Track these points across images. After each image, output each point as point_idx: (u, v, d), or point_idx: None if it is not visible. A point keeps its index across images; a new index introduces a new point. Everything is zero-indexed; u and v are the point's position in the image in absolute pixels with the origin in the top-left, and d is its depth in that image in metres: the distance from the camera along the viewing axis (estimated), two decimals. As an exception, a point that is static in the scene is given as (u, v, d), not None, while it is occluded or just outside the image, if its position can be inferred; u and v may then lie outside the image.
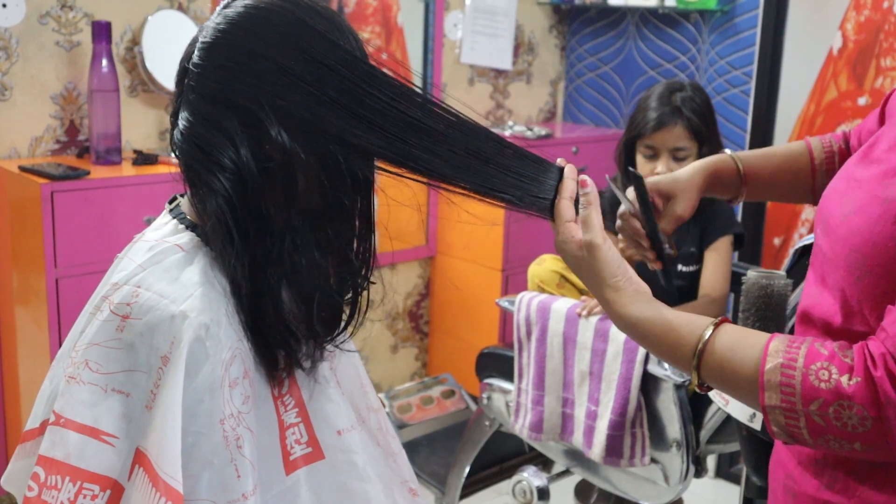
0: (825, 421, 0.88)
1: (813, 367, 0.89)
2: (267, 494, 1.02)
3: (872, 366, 0.86)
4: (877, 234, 0.91)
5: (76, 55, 2.39)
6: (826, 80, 2.83)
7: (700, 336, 0.96)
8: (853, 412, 0.86)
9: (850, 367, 0.87)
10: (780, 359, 0.90)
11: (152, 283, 0.97)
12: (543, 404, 2.06)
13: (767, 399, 0.91)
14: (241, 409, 0.97)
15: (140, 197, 2.23)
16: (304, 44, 0.95)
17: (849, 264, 0.95)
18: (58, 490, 0.93)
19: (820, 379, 0.88)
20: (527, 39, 3.46)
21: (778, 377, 0.90)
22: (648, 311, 1.00)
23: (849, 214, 0.96)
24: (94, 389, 0.96)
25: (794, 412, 0.89)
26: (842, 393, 0.87)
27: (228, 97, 0.96)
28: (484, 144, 1.01)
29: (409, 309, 3.30)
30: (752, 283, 1.60)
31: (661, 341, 0.99)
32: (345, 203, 1.01)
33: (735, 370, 0.94)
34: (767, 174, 1.32)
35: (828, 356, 0.89)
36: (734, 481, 3.05)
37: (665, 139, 2.17)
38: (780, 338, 0.93)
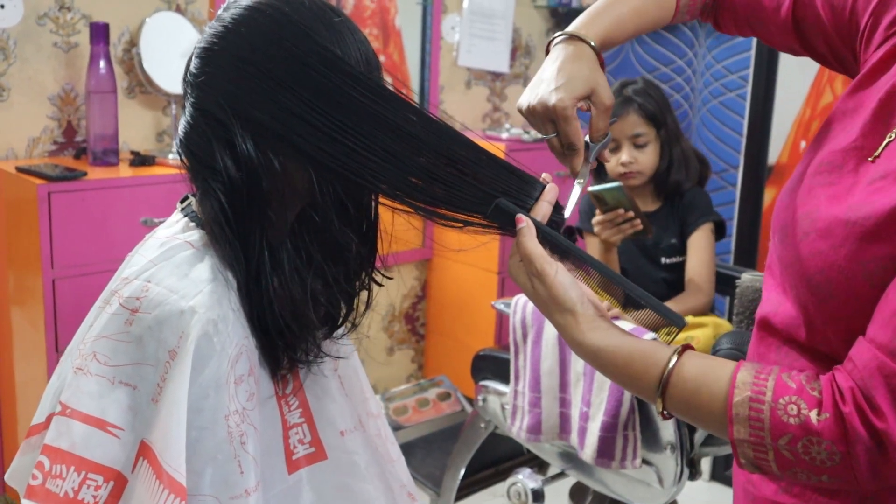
0: (794, 455, 0.87)
1: (781, 401, 0.87)
2: (269, 493, 1.02)
3: (841, 401, 0.85)
4: (842, 257, 0.90)
5: (74, 56, 2.39)
6: (822, 84, 2.84)
7: (664, 367, 0.94)
8: (822, 447, 0.86)
9: (819, 401, 0.86)
10: (748, 391, 0.89)
11: (162, 279, 0.98)
12: (541, 406, 2.07)
13: (736, 433, 0.89)
14: (246, 405, 0.98)
15: (137, 198, 2.23)
16: (291, 47, 0.96)
17: (812, 286, 0.93)
18: (62, 479, 0.94)
19: (789, 414, 0.87)
20: (524, 42, 3.46)
21: (746, 411, 0.88)
22: (608, 339, 0.97)
23: (810, 233, 0.94)
24: (102, 381, 0.96)
25: (763, 446, 0.88)
26: (811, 429, 0.85)
27: (219, 104, 0.97)
28: (464, 153, 0.98)
29: (406, 311, 3.30)
30: (747, 286, 1.61)
31: (623, 371, 0.96)
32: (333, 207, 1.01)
33: (702, 402, 0.92)
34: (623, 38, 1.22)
35: (796, 390, 0.88)
36: (729, 484, 3.06)
37: (622, 128, 2.23)
38: (747, 368, 0.91)
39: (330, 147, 0.95)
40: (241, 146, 0.97)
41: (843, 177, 0.95)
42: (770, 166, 3.00)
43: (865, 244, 0.88)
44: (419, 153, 0.97)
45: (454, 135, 0.99)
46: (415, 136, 0.96)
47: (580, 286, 0.99)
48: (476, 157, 0.99)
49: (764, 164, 2.99)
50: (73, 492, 0.94)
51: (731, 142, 3.04)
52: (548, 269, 0.97)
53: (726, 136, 3.04)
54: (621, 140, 2.24)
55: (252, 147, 0.97)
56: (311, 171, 0.97)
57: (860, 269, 0.88)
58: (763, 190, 3.01)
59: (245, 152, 0.97)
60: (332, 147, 0.95)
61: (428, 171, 0.97)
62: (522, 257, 0.99)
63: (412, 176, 0.97)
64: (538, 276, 0.98)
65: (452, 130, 0.99)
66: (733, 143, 3.04)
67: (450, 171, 0.98)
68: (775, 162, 2.99)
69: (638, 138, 2.24)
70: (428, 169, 0.97)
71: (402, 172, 0.97)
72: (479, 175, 0.99)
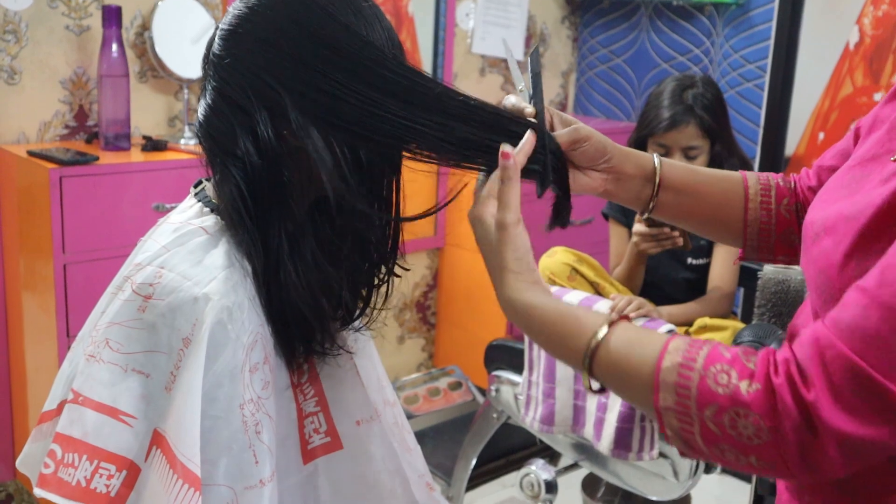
0: (720, 429, 0.81)
1: (712, 369, 0.82)
2: (284, 483, 1.01)
3: (774, 372, 0.80)
4: (839, 254, 0.86)
5: (86, 40, 2.37)
6: (842, 75, 2.81)
7: (595, 330, 0.89)
8: (749, 421, 0.79)
9: (752, 372, 0.81)
10: (678, 357, 0.83)
11: (176, 265, 0.96)
12: (555, 397, 2.05)
13: (662, 400, 0.84)
14: (261, 394, 0.96)
15: (148, 183, 2.21)
16: (318, 29, 0.94)
17: (818, 286, 0.90)
18: (74, 468, 0.93)
19: (718, 382, 0.81)
20: (539, 30, 3.43)
21: (674, 376, 0.83)
22: (545, 299, 0.93)
23: (820, 232, 0.91)
24: (114, 369, 0.95)
25: (689, 416, 0.82)
26: (738, 399, 0.80)
27: (242, 87, 0.96)
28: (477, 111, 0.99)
29: (417, 300, 3.29)
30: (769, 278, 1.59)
31: (554, 330, 0.92)
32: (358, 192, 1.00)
33: (630, 367, 0.86)
34: (692, 185, 1.13)
35: (730, 359, 0.82)
36: (741, 478, 3.04)
37: (677, 139, 2.16)
38: (682, 338, 0.86)
39: (371, 121, 0.94)
40: (264, 131, 0.95)
41: (864, 180, 0.92)
42: (787, 158, 2.97)
43: (861, 240, 0.84)
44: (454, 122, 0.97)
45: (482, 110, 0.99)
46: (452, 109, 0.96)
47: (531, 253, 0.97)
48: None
49: (781, 156, 2.96)
50: (85, 481, 0.93)
51: (748, 133, 3.01)
52: (514, 223, 0.95)
53: (743, 126, 3.01)
54: (674, 149, 2.17)
55: (275, 132, 0.95)
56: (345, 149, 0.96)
57: (854, 268, 0.84)
58: (780, 181, 2.98)
59: (268, 138, 0.95)
60: (372, 121, 0.94)
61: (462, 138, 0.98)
62: (501, 200, 0.96)
63: (448, 142, 0.97)
64: (501, 225, 0.95)
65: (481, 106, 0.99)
66: (750, 133, 3.01)
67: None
68: (793, 153, 2.96)
69: (691, 150, 2.17)
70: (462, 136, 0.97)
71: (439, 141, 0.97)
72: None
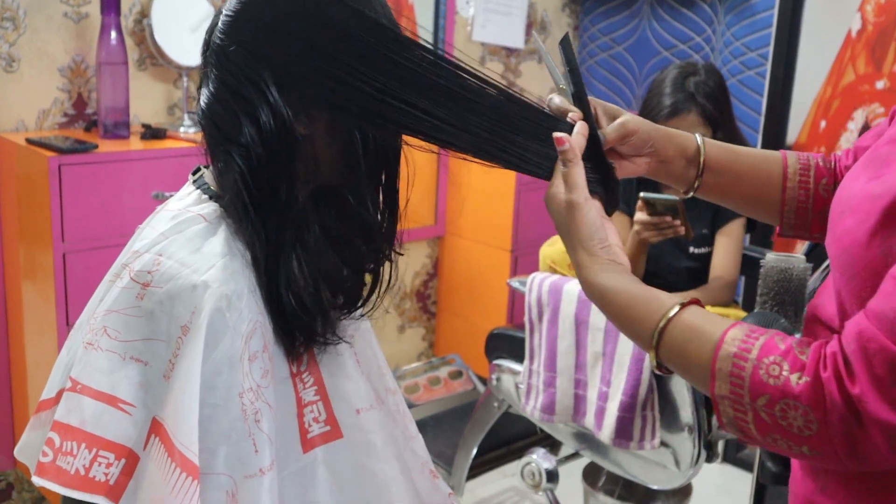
0: (771, 419, 0.84)
1: (765, 360, 0.85)
2: (283, 472, 1.00)
3: (822, 366, 0.82)
4: (863, 232, 0.87)
5: (84, 27, 2.36)
6: (843, 62, 2.79)
7: (664, 314, 0.92)
8: (798, 413, 0.82)
9: (803, 364, 0.83)
10: (734, 347, 0.86)
11: (174, 252, 0.96)
12: (556, 386, 2.05)
13: (718, 388, 0.87)
14: (261, 382, 0.96)
15: (148, 171, 2.21)
16: (326, 15, 0.93)
17: (841, 264, 0.91)
18: (73, 456, 0.92)
19: (770, 374, 0.84)
20: (539, 18, 3.42)
21: (729, 366, 0.86)
22: (618, 281, 0.96)
23: (845, 211, 0.92)
24: (112, 357, 0.94)
25: (742, 405, 0.86)
26: (788, 392, 0.83)
27: (246, 74, 0.95)
28: (507, 107, 0.99)
29: (417, 289, 3.28)
30: (771, 266, 1.58)
31: (625, 314, 0.95)
32: (366, 178, 0.99)
33: (691, 354, 0.90)
34: (733, 166, 1.16)
35: (783, 351, 0.85)
36: (742, 467, 3.04)
37: (679, 126, 2.15)
38: (741, 326, 0.88)
39: (382, 109, 0.94)
40: (267, 120, 0.94)
41: (890, 159, 0.93)
42: (789, 146, 2.96)
43: (886, 218, 0.85)
44: (471, 112, 0.97)
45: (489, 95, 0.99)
46: (465, 96, 0.97)
47: (606, 230, 0.99)
48: (518, 109, 1.01)
49: (783, 144, 2.95)
50: (84, 469, 0.92)
51: (749, 121, 3.00)
52: (584, 203, 0.97)
53: (745, 115, 3.00)
54: None
55: (279, 120, 0.94)
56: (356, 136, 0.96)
57: (879, 245, 0.86)
58: (781, 170, 2.97)
59: (270, 127, 0.94)
60: (384, 109, 0.94)
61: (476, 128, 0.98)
62: (566, 182, 0.98)
63: (465, 132, 0.97)
64: (572, 206, 0.97)
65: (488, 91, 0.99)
66: (752, 122, 3.00)
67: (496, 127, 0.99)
68: (794, 142, 2.95)
69: None
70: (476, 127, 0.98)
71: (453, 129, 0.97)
72: (525, 129, 1.00)
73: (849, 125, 2.80)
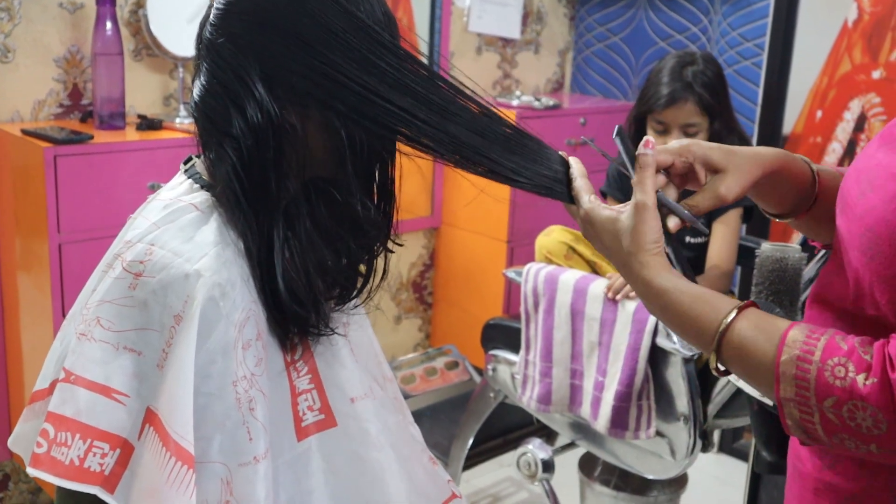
0: (839, 419, 0.85)
1: (830, 361, 0.85)
2: (278, 460, 1.01)
3: (890, 367, 0.82)
4: (891, 212, 0.88)
5: (80, 18, 2.36)
6: (840, 52, 2.79)
7: (724, 317, 0.93)
8: (867, 413, 0.83)
9: (869, 365, 0.83)
10: (796, 350, 0.87)
11: (166, 242, 0.96)
12: (552, 376, 2.05)
13: (783, 391, 0.87)
14: (255, 371, 0.96)
15: (144, 162, 2.20)
16: (313, 10, 0.93)
17: (862, 244, 0.91)
18: (67, 447, 0.92)
19: (835, 376, 0.84)
20: (535, 8, 3.41)
21: (793, 370, 0.86)
22: (677, 283, 0.96)
23: (866, 192, 0.92)
24: (106, 347, 0.94)
25: (809, 407, 0.86)
26: (856, 392, 0.83)
27: (237, 67, 0.95)
28: (491, 124, 0.99)
29: (413, 280, 3.28)
30: (766, 256, 1.58)
31: (685, 315, 0.95)
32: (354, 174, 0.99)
33: (753, 357, 0.90)
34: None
35: (846, 351, 0.85)
36: (738, 456, 3.05)
37: (676, 115, 2.15)
38: (800, 327, 0.89)
39: (363, 105, 0.94)
40: (254, 114, 0.94)
41: None
42: (785, 136, 2.96)
43: None
44: (451, 123, 0.97)
45: (472, 112, 0.99)
46: (446, 109, 0.97)
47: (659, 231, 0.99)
48: (502, 129, 1.00)
49: (779, 134, 2.95)
50: (78, 459, 0.92)
51: (746, 111, 3.00)
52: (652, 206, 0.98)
53: (741, 105, 2.99)
54: (672, 126, 2.16)
55: (271, 112, 0.94)
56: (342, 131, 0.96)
57: None
58: (777, 160, 2.97)
59: (257, 120, 0.94)
60: (364, 105, 0.94)
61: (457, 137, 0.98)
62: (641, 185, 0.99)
63: (451, 143, 0.97)
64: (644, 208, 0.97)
65: (470, 106, 0.98)
66: (748, 112, 3.00)
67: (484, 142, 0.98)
68: (790, 132, 2.95)
69: (690, 127, 2.16)
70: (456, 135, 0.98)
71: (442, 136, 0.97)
72: (511, 145, 1.00)
73: (845, 115, 2.80)
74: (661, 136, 2.18)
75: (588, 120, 3.12)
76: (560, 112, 3.08)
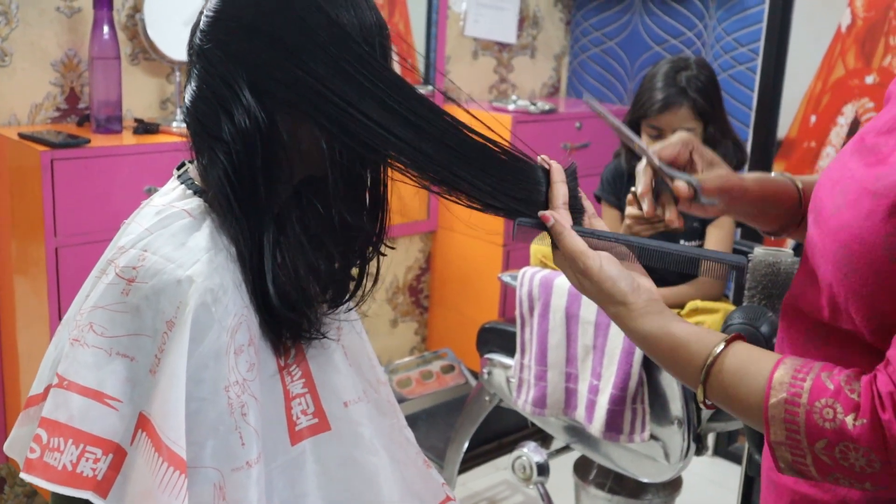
0: (832, 460, 0.84)
1: (818, 403, 0.84)
2: (271, 464, 1.01)
3: (880, 406, 0.82)
4: (866, 230, 0.87)
5: (77, 21, 2.36)
6: (833, 57, 2.81)
7: (708, 354, 0.93)
8: (859, 454, 0.82)
9: (857, 405, 0.83)
10: (784, 393, 0.86)
11: (159, 248, 0.96)
12: (546, 380, 2.06)
13: (773, 435, 0.87)
14: (247, 376, 0.96)
15: (141, 166, 2.21)
16: (300, 18, 0.94)
17: (837, 260, 0.91)
18: (60, 452, 0.93)
19: (824, 418, 0.83)
20: (531, 13, 3.42)
21: (782, 413, 0.86)
22: (657, 325, 0.96)
23: (840, 207, 0.92)
24: (99, 353, 0.95)
25: (801, 450, 0.86)
26: (846, 434, 0.82)
27: (225, 73, 0.96)
28: (468, 143, 0.98)
29: (410, 283, 3.29)
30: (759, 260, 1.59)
31: (670, 356, 0.96)
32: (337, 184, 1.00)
33: (740, 398, 0.90)
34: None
35: (833, 392, 0.84)
36: (732, 460, 3.06)
37: (670, 121, 2.16)
38: (786, 365, 0.88)
39: (343, 119, 0.94)
40: (241, 119, 0.95)
41: (879, 151, 0.93)
42: (779, 141, 2.97)
43: (888, 216, 0.85)
44: (426, 143, 0.96)
45: (454, 129, 0.98)
46: (422, 128, 0.96)
47: (629, 272, 0.98)
48: (480, 152, 0.99)
49: (773, 139, 2.96)
50: (71, 465, 0.92)
51: (740, 115, 3.01)
52: (591, 265, 0.97)
53: (736, 109, 3.01)
54: (666, 131, 2.17)
55: (258, 118, 0.95)
56: (323, 142, 0.96)
57: (881, 243, 0.86)
58: (772, 164, 2.98)
59: (244, 126, 0.95)
60: (345, 119, 0.94)
61: (435, 160, 0.97)
62: (565, 255, 0.98)
63: (428, 164, 0.97)
64: (583, 273, 0.97)
65: (453, 123, 0.98)
66: (742, 116, 3.01)
67: (454, 162, 0.97)
68: (785, 136, 2.96)
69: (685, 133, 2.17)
70: (435, 158, 0.97)
71: (418, 157, 0.96)
72: (486, 168, 0.99)
73: (839, 120, 2.82)
74: (655, 140, 2.19)
75: (584, 124, 3.13)
76: (556, 116, 3.09)
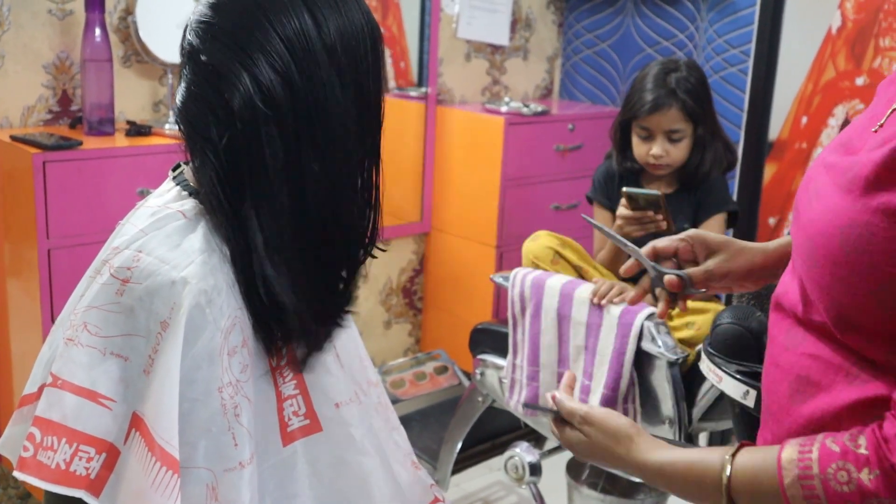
0: None
1: (829, 470, 0.86)
2: (263, 465, 1.01)
3: (888, 451, 0.83)
4: (826, 223, 0.89)
5: (69, 24, 2.36)
6: (824, 59, 2.82)
7: (721, 470, 0.95)
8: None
9: (866, 459, 0.84)
10: (795, 470, 0.88)
11: (154, 249, 0.97)
12: (538, 380, 2.06)
13: None
14: (240, 377, 0.97)
15: (133, 168, 2.21)
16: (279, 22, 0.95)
17: (805, 252, 0.93)
18: (53, 451, 0.93)
19: (840, 482, 0.85)
20: (524, 15, 3.43)
21: (800, 491, 0.87)
22: (665, 455, 1.03)
23: (812, 201, 0.94)
24: (93, 352, 0.95)
25: None
26: (866, 491, 0.84)
27: (215, 75, 0.97)
28: None
29: (403, 285, 3.29)
30: (748, 261, 1.59)
31: (685, 481, 1.00)
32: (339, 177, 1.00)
33: (763, 495, 0.92)
34: None
35: (840, 453, 0.86)
36: (725, 460, 3.06)
37: (660, 122, 2.17)
38: (791, 446, 0.90)
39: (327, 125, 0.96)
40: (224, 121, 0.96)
41: (851, 146, 0.95)
42: (771, 142, 2.98)
43: (846, 209, 0.87)
44: None
45: None
46: None
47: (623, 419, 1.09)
48: None
49: (765, 140, 2.97)
50: (64, 464, 0.93)
51: (731, 117, 3.02)
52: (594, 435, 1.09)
53: (727, 111, 3.02)
54: (656, 132, 2.18)
55: (246, 120, 0.95)
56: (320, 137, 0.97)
57: (837, 234, 0.87)
58: (763, 166, 2.99)
59: (237, 126, 0.96)
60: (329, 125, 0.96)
61: None
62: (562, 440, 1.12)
63: None
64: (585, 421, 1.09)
65: None
66: (734, 118, 3.02)
67: None
68: (776, 138, 2.97)
69: (674, 133, 2.18)
70: None
71: None
72: None
73: (829, 121, 2.83)
74: (645, 141, 2.20)
75: (576, 126, 3.14)
76: (549, 118, 3.10)
